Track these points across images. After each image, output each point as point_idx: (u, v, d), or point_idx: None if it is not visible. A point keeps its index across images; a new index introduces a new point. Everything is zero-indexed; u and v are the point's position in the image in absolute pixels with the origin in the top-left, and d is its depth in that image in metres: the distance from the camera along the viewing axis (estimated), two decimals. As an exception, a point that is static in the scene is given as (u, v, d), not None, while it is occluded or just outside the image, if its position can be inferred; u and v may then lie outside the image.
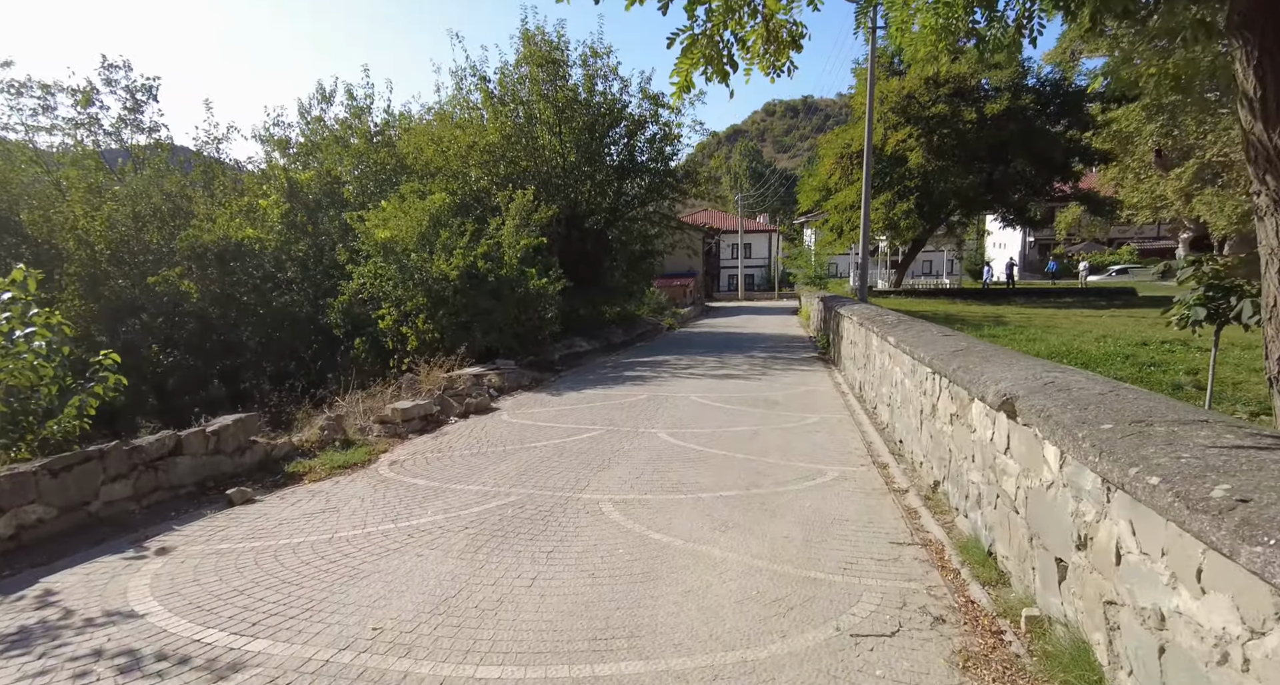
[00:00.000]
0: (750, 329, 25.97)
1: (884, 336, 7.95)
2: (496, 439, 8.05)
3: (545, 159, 19.10)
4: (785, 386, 11.64)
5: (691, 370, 13.97)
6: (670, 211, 22.65)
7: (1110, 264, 48.02)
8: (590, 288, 20.10)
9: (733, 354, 16.92)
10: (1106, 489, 2.56)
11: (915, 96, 21.25)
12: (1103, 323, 14.73)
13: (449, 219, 14.94)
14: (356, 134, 18.91)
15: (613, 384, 12.30)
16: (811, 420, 8.79)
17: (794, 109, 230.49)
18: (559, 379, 13.30)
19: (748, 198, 63.00)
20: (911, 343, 6.37)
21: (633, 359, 16.52)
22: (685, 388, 11.60)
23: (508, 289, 13.79)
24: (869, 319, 9.83)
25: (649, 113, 19.74)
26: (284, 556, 4.48)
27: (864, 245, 19.17)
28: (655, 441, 7.69)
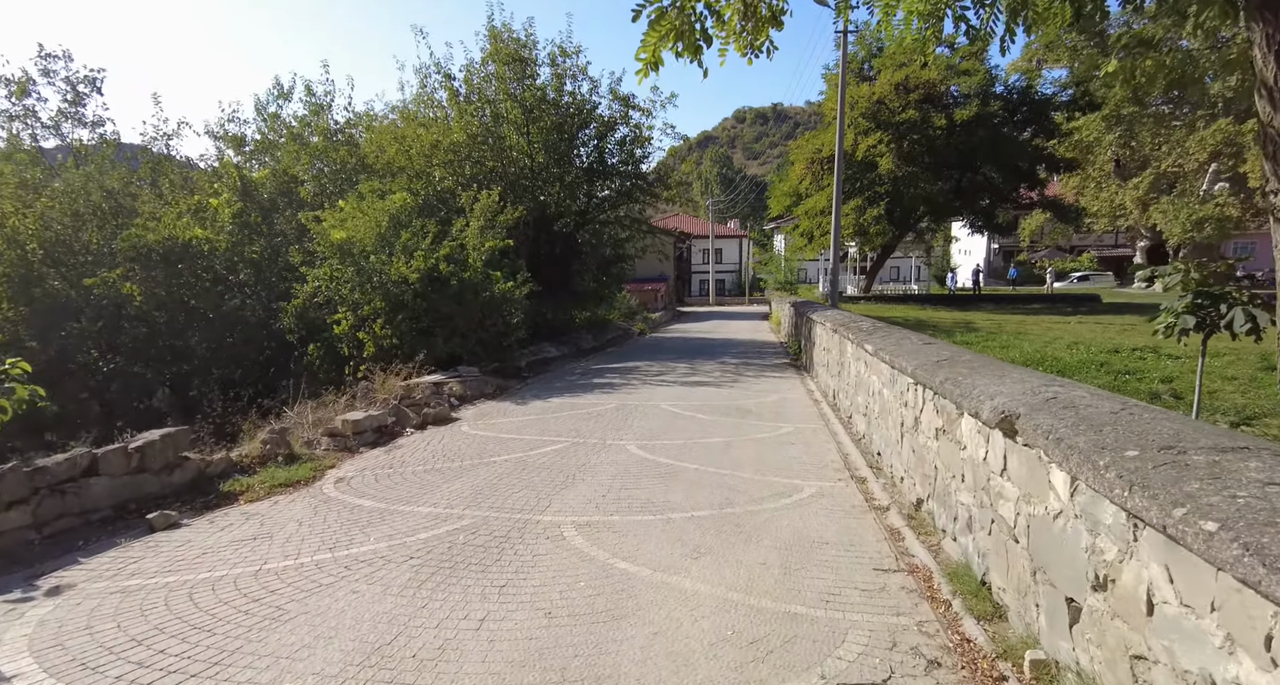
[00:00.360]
0: (722, 334, 25.73)
1: (860, 344, 7.67)
2: (454, 453, 7.55)
3: (513, 160, 18.61)
4: (758, 394, 11.32)
5: (663, 377, 13.59)
6: (641, 215, 22.30)
7: (1072, 271, 49.05)
8: (559, 292, 19.64)
9: (705, 360, 16.60)
10: (1132, 525, 2.23)
11: (885, 102, 21.27)
12: (1071, 329, 14.76)
13: (410, 220, 14.36)
14: (316, 131, 18.19)
15: (581, 392, 11.86)
16: (785, 430, 8.47)
17: (764, 116, 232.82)
18: (525, 387, 12.81)
19: (719, 203, 63.09)
20: (891, 351, 6.07)
21: (603, 365, 16.09)
22: (656, 396, 11.21)
23: (471, 293, 13.27)
24: (843, 325, 9.56)
25: (619, 114, 19.39)
26: (200, 595, 3.96)
27: (835, 250, 19.04)
28: (624, 455, 7.28)
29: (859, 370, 8.05)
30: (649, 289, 39.44)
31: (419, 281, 12.52)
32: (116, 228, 13.97)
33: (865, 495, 5.82)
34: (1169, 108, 37.77)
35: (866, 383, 7.52)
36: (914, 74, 20.99)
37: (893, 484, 6.06)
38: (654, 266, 38.72)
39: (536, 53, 18.38)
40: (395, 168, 17.75)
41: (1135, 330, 14.29)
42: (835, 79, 24.98)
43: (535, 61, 18.15)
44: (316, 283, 13.42)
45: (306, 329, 13.76)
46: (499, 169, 18.63)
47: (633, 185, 20.75)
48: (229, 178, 15.56)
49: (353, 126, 19.12)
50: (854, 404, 8.38)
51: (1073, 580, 2.67)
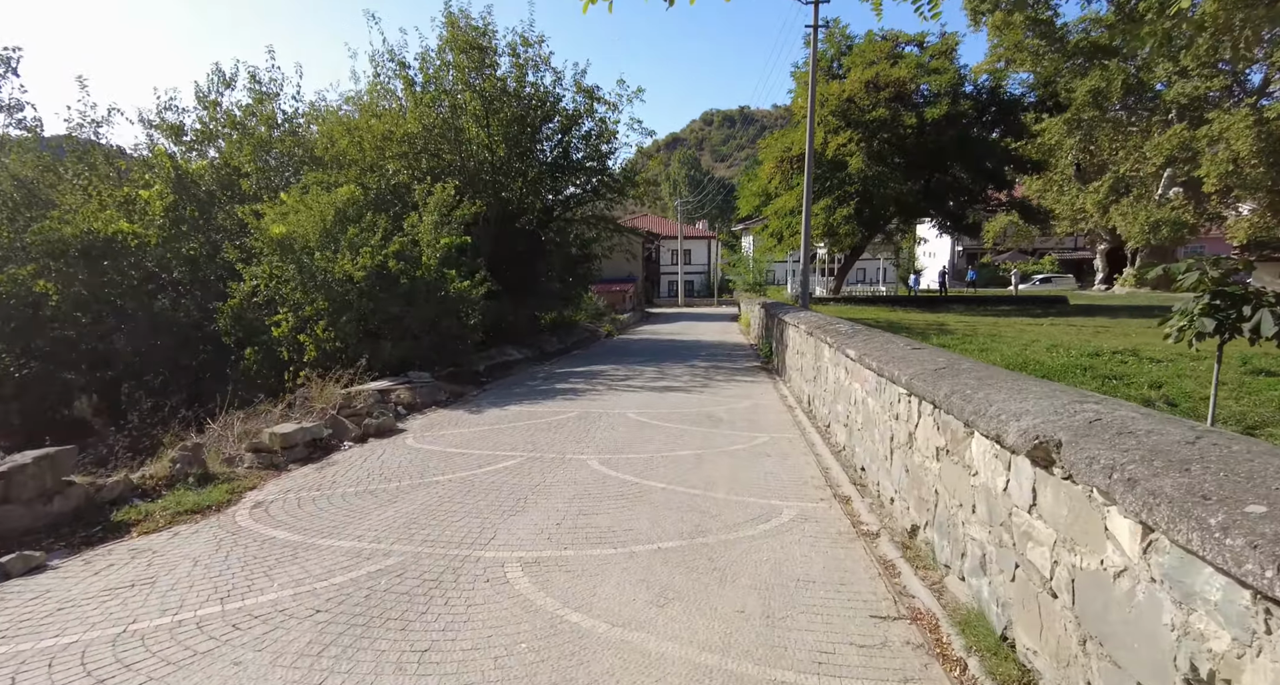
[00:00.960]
0: (690, 336, 25.15)
1: (840, 348, 7.08)
2: (393, 471, 6.75)
3: (472, 153, 17.73)
4: (729, 400, 10.71)
5: (629, 382, 12.90)
6: (608, 213, 21.60)
7: (1034, 273, 49.82)
8: (522, 293, 18.83)
9: (673, 363, 15.96)
10: (1263, 612, 1.60)
11: (855, 100, 20.95)
12: (1045, 331, 14.51)
13: (360, 215, 13.44)
14: (260, 121, 17.06)
15: (541, 398, 11.11)
16: (760, 441, 7.85)
17: (731, 119, 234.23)
18: (482, 393, 11.99)
19: (687, 203, 62.69)
20: (878, 357, 5.48)
21: (567, 369, 15.34)
22: (622, 402, 10.52)
23: (424, 293, 12.40)
24: (819, 328, 8.99)
25: (584, 107, 18.64)
26: (28, 675, 3.13)
27: (805, 251, 18.59)
28: (584, 472, 6.56)
29: (838, 376, 7.47)
30: (617, 290, 38.74)
31: (365, 280, 11.62)
32: (30, 220, 12.76)
33: (851, 518, 5.21)
34: (1125, 113, 38.58)
35: (847, 390, 6.94)
36: (884, 72, 20.70)
37: (880, 504, 5.47)
38: (622, 267, 38.03)
39: (496, 42, 17.55)
40: (347, 160, 16.75)
41: (1109, 332, 14.08)
42: (805, 76, 24.63)
43: (495, 51, 17.32)
44: (255, 281, 12.42)
45: (244, 331, 12.74)
46: (457, 163, 17.74)
47: (599, 182, 20.03)
48: (161, 168, 14.40)
49: (302, 116, 18.03)
50: (833, 412, 7.80)
51: (1151, 665, 2.05)
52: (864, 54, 21.94)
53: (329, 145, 17.22)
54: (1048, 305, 23.40)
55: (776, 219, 24.67)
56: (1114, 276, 42.22)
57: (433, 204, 13.86)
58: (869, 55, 21.86)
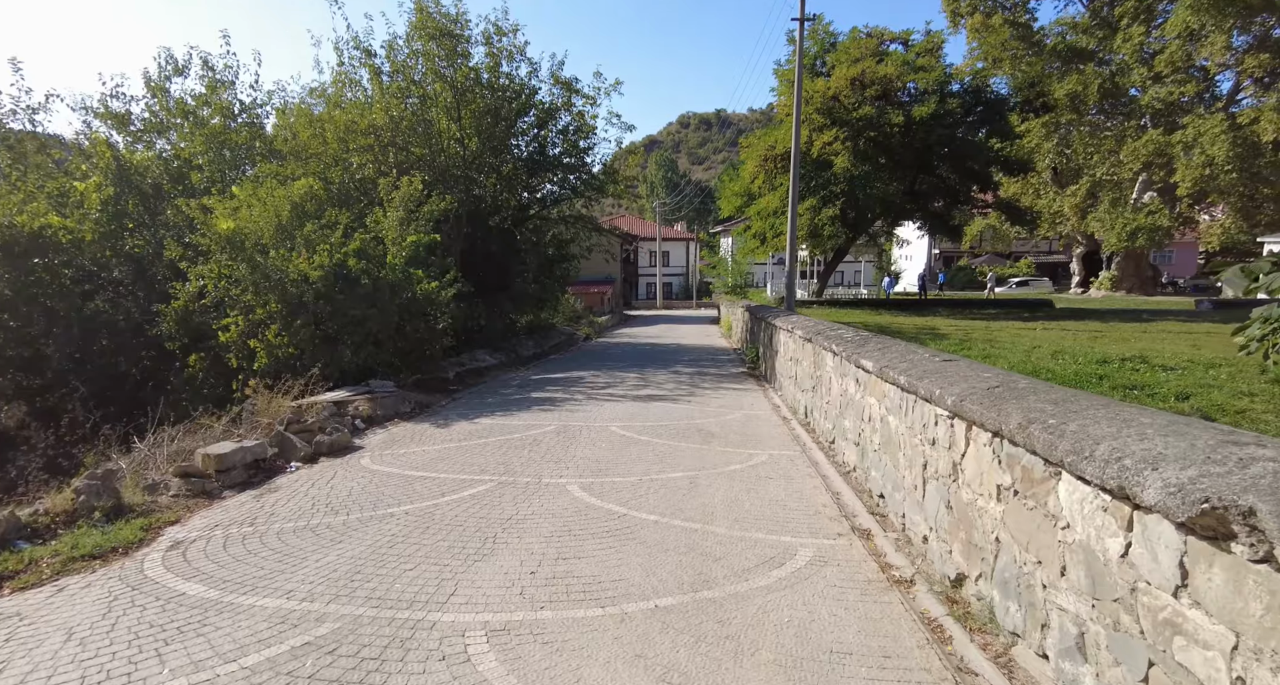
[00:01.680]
0: (671, 339, 24.41)
1: (850, 359, 6.34)
2: (343, 500, 5.84)
3: (443, 148, 16.77)
4: (719, 410, 9.94)
5: (610, 390, 12.08)
6: (586, 212, 20.75)
7: (1010, 276, 50.04)
8: (496, 294, 17.90)
9: (656, 369, 15.17)
10: None
11: (841, 98, 20.39)
12: (1041, 336, 14.00)
13: (319, 210, 12.45)
14: (215, 110, 15.92)
15: (516, 409, 10.23)
16: (759, 460, 7.08)
17: (708, 122, 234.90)
18: (452, 403, 11.08)
19: (664, 205, 62.07)
20: (906, 371, 4.73)
21: (544, 375, 14.46)
22: (604, 414, 9.68)
23: (388, 294, 11.45)
24: (819, 334, 8.27)
25: (561, 100, 17.79)
26: None
27: (791, 252, 17.95)
28: (563, 500, 5.72)
29: (846, 389, 6.73)
30: (595, 291, 37.91)
31: (322, 280, 10.63)
32: (-54, 213, 11.54)
33: (877, 560, 4.46)
34: (1101, 118, 38.79)
35: (859, 405, 6.19)
36: (869, 69, 20.17)
37: (907, 541, 4.72)
38: (600, 268, 37.24)
39: (469, 31, 16.61)
40: (309, 154, 15.68)
41: (1106, 337, 13.61)
42: (788, 74, 24.07)
43: (467, 39, 16.39)
44: (201, 281, 11.37)
45: (190, 336, 11.67)
46: (427, 157, 16.76)
47: (577, 179, 19.19)
48: (100, 158, 13.23)
49: (260, 106, 16.90)
50: (838, 428, 7.06)
51: None
52: (849, 51, 21.41)
53: (290, 138, 16.16)
54: (1034, 309, 23.09)
55: (759, 220, 24.03)
56: (1090, 280, 42.44)
57: (398, 199, 12.90)
58: (853, 52, 21.34)
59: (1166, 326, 16.02)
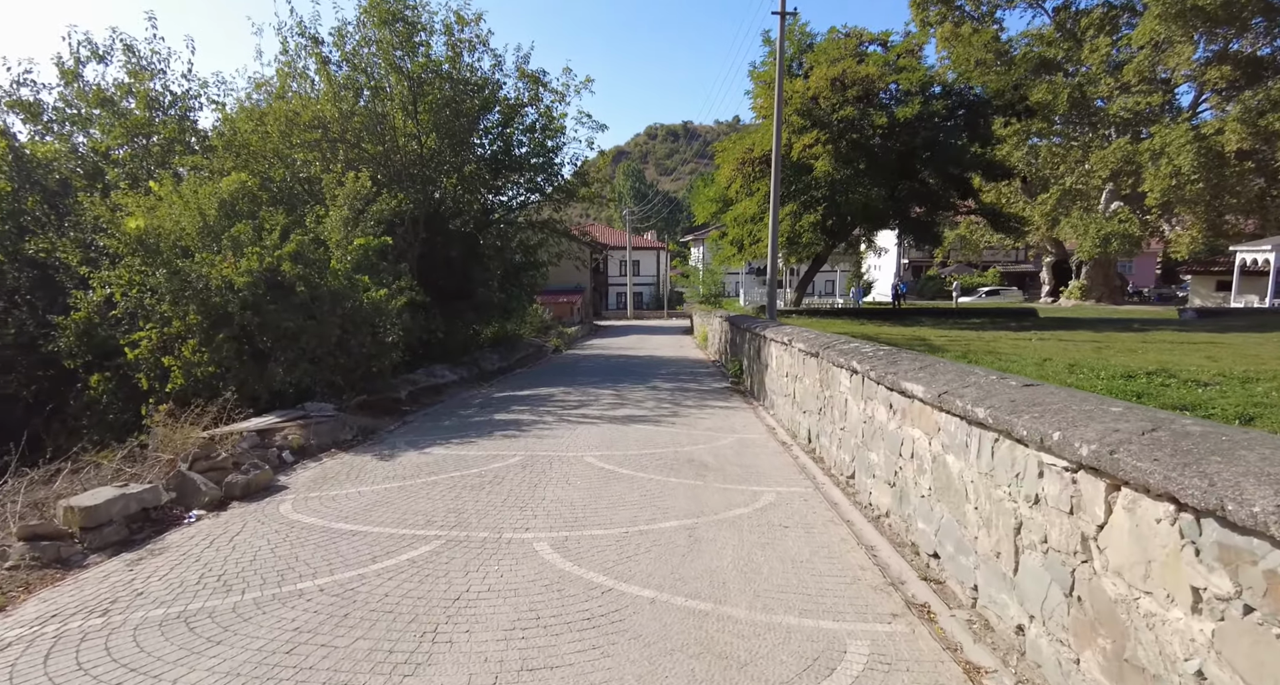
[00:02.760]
0: (645, 351, 23.23)
1: (884, 380, 5.22)
2: (242, 570, 4.48)
3: (398, 145, 15.38)
4: (708, 434, 8.75)
5: (583, 410, 10.81)
6: (555, 216, 19.49)
7: (979, 286, 50.17)
8: (457, 303, 16.52)
9: (632, 384, 13.95)
10: None
11: (821, 98, 19.59)
12: (1043, 347, 13.21)
13: (254, 209, 11.00)
14: (139, 101, 14.30)
15: (476, 435, 8.90)
16: (766, 499, 5.91)
17: (675, 133, 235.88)
18: (402, 427, 9.70)
19: (634, 213, 61.13)
20: (989, 403, 3.60)
21: (509, 392, 13.13)
22: (577, 440, 8.42)
23: (328, 303, 10.03)
24: (828, 348, 7.15)
25: (528, 95, 16.56)
26: None
27: (772, 259, 16.94)
28: (529, 567, 4.46)
29: (873, 415, 5.60)
30: (564, 301, 36.60)
31: (249, 287, 9.17)
32: None
33: (953, 654, 3.30)
34: (1068, 127, 39.06)
35: (894, 437, 5.06)
36: (850, 69, 19.41)
37: (986, 625, 3.58)
38: (570, 276, 35.96)
39: (428, 18, 15.29)
40: (250, 150, 14.14)
41: (1110, 347, 12.85)
42: (764, 76, 23.26)
43: (424, 27, 15.08)
44: (109, 289, 9.82)
45: (95, 353, 10.08)
46: (381, 155, 15.35)
47: (545, 180, 17.95)
48: (-5, 149, 11.58)
49: (194, 97, 15.31)
50: (861, 462, 5.92)
51: None
52: (827, 51, 20.66)
53: (231, 132, 14.62)
54: (1020, 318, 22.54)
55: (736, 226, 23.05)
56: (1060, 289, 42.60)
57: (343, 196, 11.51)
58: (832, 52, 20.59)
59: (1163, 336, 15.40)
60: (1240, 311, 26.80)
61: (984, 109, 20.44)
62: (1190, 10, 30.19)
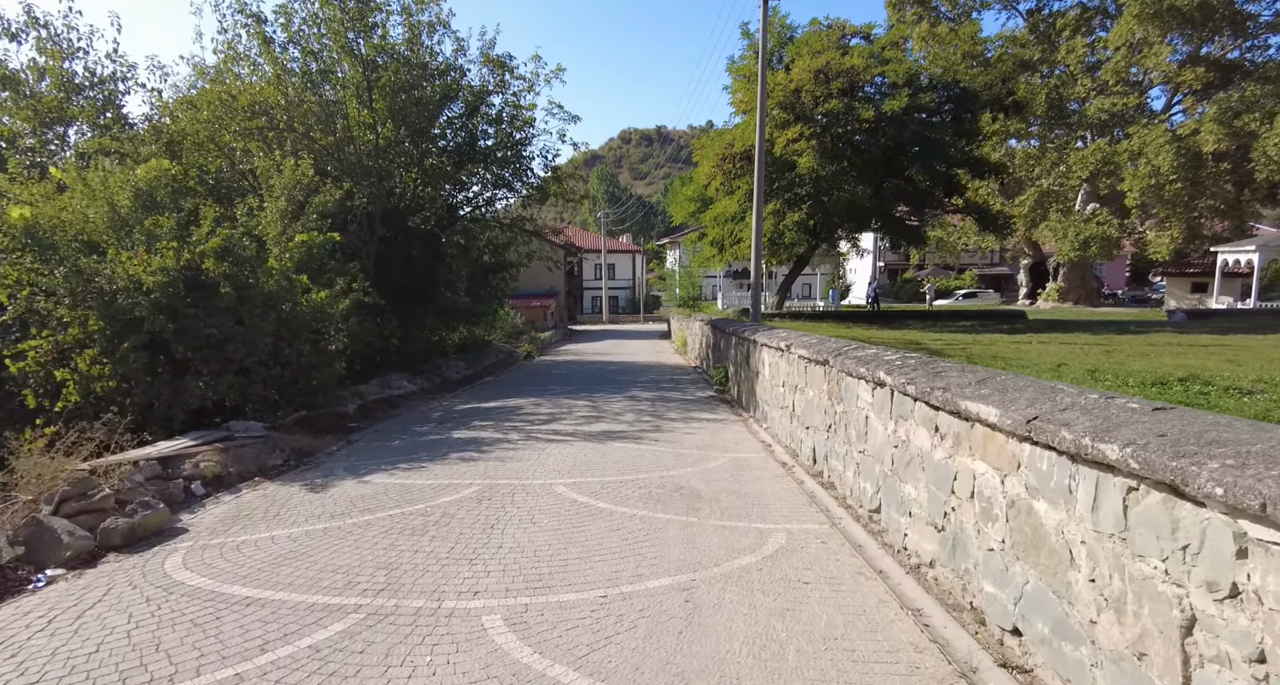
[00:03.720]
0: (622, 356, 22.12)
1: (929, 396, 4.17)
2: (67, 676, 3.25)
3: (352, 136, 14.08)
4: (698, 454, 7.65)
5: (555, 424, 9.64)
6: (525, 213, 18.30)
7: (955, 289, 49.97)
8: (417, 307, 15.24)
9: (609, 393, 12.82)
10: None
11: (804, 92, 18.71)
12: (1047, 351, 12.38)
13: (177, 201, 9.67)
14: (54, 83, 12.83)
15: (428, 457, 7.69)
16: (775, 542, 4.82)
17: (649, 138, 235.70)
18: (345, 448, 8.45)
19: (609, 215, 60.06)
20: (1145, 445, 2.55)
21: (473, 404, 11.91)
22: (546, 463, 7.26)
23: (260, 306, 8.74)
24: (840, 355, 6.10)
25: (494, 81, 15.37)
26: None
27: (756, 257, 15.94)
28: (473, 660, 3.29)
29: (908, 438, 4.54)
30: (537, 305, 35.29)
31: (163, 288, 7.86)
32: None
33: None
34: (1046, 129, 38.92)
35: (943, 470, 4.01)
36: (834, 61, 18.57)
37: (1119, 751, 2.50)
38: (543, 279, 34.69)
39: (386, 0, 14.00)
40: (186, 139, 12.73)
41: (1119, 351, 12.07)
42: (743, 70, 22.35)
43: (380, 7, 13.80)
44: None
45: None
46: (333, 146, 14.03)
47: (513, 175, 16.76)
48: None
49: (122, 80, 13.85)
50: (890, 494, 4.86)
51: None
52: (809, 43, 19.81)
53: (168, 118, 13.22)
54: (1009, 320, 21.89)
55: (716, 226, 22.06)
56: (1037, 291, 42.46)
57: (281, 185, 10.21)
58: (814, 45, 19.75)
59: (1164, 339, 14.72)
60: (1230, 313, 26.63)
61: (971, 103, 19.74)
62: (1167, 11, 30.11)
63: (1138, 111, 35.26)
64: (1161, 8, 30.07)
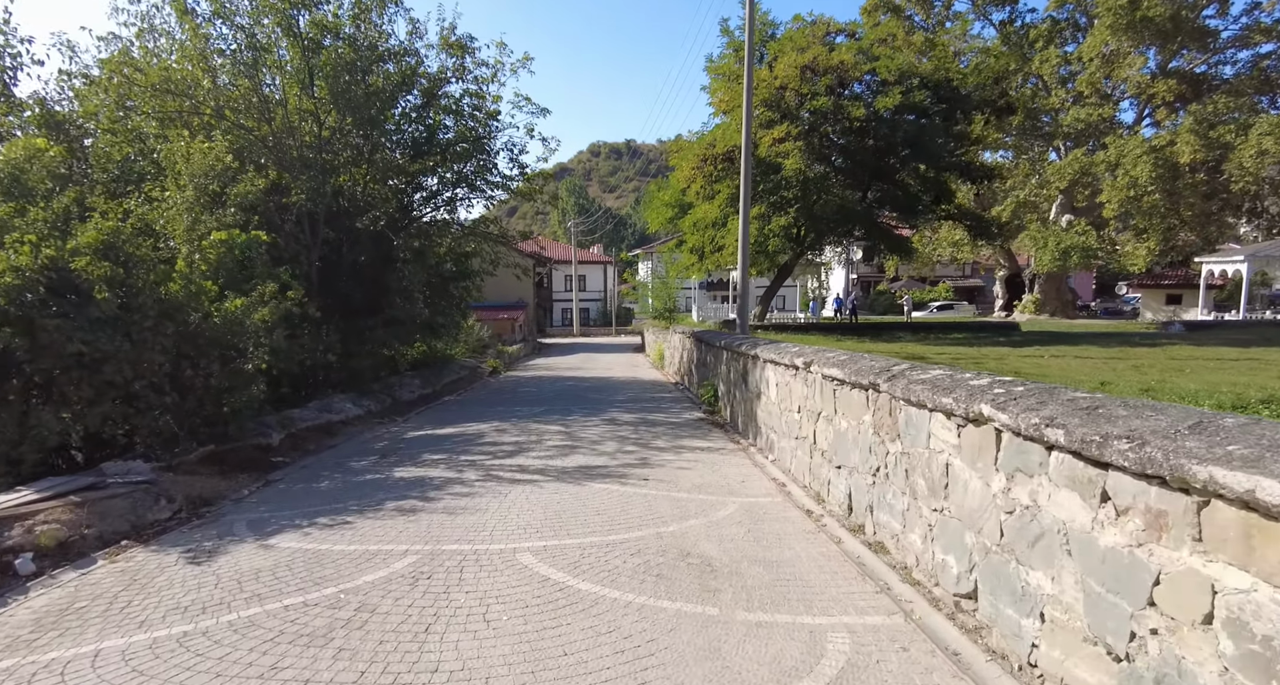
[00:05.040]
0: (596, 372, 20.58)
1: (1110, 456, 2.75)
2: None
3: (292, 124, 12.38)
4: (700, 499, 6.16)
5: (521, 457, 8.06)
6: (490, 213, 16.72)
7: (930, 301, 49.60)
8: (366, 318, 13.52)
9: (584, 416, 11.28)
10: None
11: (789, 89, 17.57)
12: (1067, 365, 11.25)
13: (46, 189, 7.91)
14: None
15: (357, 507, 6.05)
16: (837, 657, 3.34)
17: (618, 151, 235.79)
18: (261, 492, 6.76)
19: (579, 225, 58.65)
20: None
21: (426, 430, 10.27)
22: (508, 516, 5.69)
23: (153, 317, 7.02)
24: (892, 377, 4.70)
25: (452, 67, 13.82)
26: None
27: (743, 261, 14.63)
28: None
29: (1035, 503, 3.12)
30: (505, 317, 33.51)
31: (9, 294, 6.11)
32: None
33: None
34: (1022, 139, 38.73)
35: (1127, 566, 2.59)
36: (821, 57, 17.48)
37: None
38: (511, 291, 32.99)
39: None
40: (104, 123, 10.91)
41: (1149, 365, 10.96)
42: (722, 68, 21.22)
43: (323, -23, 12.18)
44: None
45: None
46: (271, 138, 12.29)
47: (475, 172, 15.19)
48: None
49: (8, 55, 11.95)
50: (1003, 581, 3.42)
51: None
52: (794, 39, 18.76)
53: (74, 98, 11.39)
54: (1006, 332, 20.95)
55: (696, 233, 20.72)
56: (1013, 303, 42.12)
57: (189, 171, 8.50)
58: (799, 41, 18.70)
59: (1183, 352, 13.75)
60: (1226, 324, 26.27)
61: (964, 103, 18.80)
62: (1140, 21, 29.99)
63: (1110, 124, 35.19)
64: (1134, 19, 29.96)
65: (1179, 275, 36.69)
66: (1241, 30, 34.11)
